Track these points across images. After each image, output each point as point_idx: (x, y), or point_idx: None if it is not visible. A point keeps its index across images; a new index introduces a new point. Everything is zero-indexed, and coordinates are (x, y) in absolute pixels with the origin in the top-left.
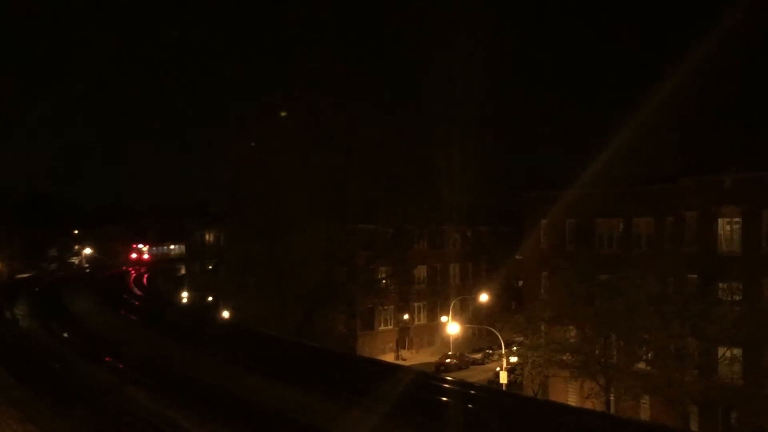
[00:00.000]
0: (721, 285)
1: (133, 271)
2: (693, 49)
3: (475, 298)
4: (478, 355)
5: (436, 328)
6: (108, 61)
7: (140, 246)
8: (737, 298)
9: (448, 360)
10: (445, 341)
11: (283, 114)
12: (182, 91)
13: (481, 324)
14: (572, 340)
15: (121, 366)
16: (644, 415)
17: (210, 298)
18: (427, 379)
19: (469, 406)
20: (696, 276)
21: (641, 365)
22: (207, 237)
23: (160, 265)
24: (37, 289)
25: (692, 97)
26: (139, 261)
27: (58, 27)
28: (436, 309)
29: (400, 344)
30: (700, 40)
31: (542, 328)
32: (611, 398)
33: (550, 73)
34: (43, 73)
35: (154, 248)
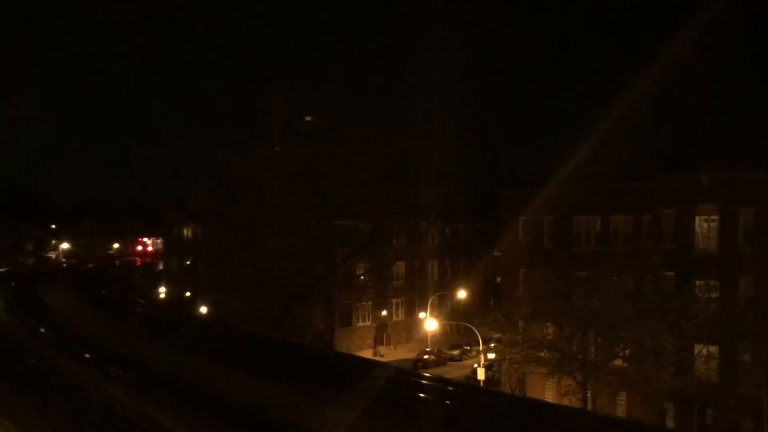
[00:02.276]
0: (697, 282)
1: (114, 265)
2: (670, 46)
3: (453, 295)
4: (456, 352)
5: (413, 324)
6: (88, 55)
7: (145, 239)
8: (714, 295)
9: (425, 356)
10: (423, 337)
11: (308, 119)
12: (160, 86)
13: (458, 320)
14: (550, 337)
15: (98, 361)
16: (621, 411)
17: (188, 294)
18: (405, 375)
19: (447, 402)
20: (673, 273)
21: (618, 362)
22: (185, 232)
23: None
24: (13, 284)
25: (669, 94)
26: (144, 253)
27: (38, 21)
28: (414, 305)
29: (377, 340)
30: (677, 37)
31: (520, 324)
32: (588, 395)
33: (528, 70)
34: (20, 66)
35: (159, 241)
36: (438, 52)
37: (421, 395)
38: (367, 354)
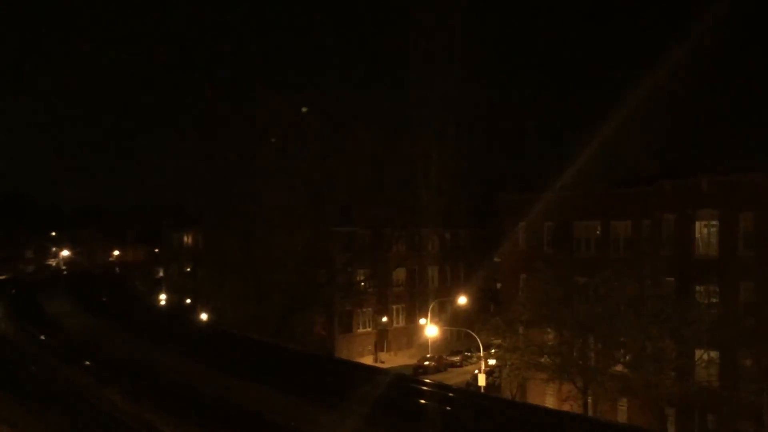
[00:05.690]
0: (698, 288)
1: (115, 272)
2: (670, 51)
3: (453, 301)
4: (457, 358)
5: (414, 330)
6: (87, 62)
7: None
8: (714, 300)
9: (426, 362)
10: (424, 344)
11: (304, 110)
12: (161, 92)
13: (459, 326)
14: (550, 343)
15: (97, 368)
16: (621, 417)
17: (188, 301)
18: (406, 381)
19: (447, 408)
20: (673, 279)
21: (619, 368)
22: (185, 239)
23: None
24: (13, 290)
25: (670, 100)
26: None
27: (38, 25)
28: (414, 311)
29: (378, 347)
30: (677, 43)
31: (520, 330)
32: (589, 401)
33: (530, 76)
34: (20, 73)
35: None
36: (439, 57)
37: (422, 401)
38: (368, 360)
